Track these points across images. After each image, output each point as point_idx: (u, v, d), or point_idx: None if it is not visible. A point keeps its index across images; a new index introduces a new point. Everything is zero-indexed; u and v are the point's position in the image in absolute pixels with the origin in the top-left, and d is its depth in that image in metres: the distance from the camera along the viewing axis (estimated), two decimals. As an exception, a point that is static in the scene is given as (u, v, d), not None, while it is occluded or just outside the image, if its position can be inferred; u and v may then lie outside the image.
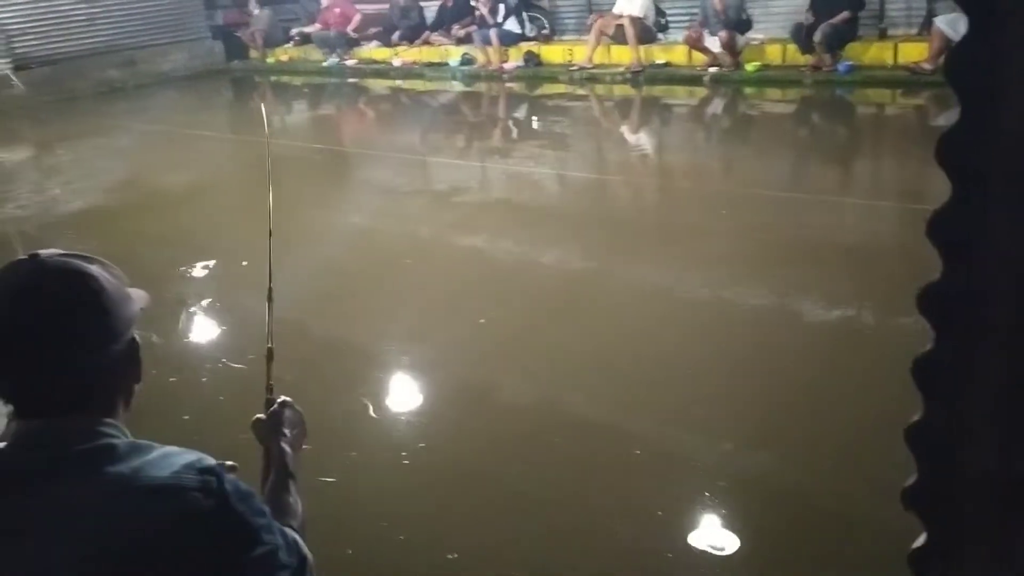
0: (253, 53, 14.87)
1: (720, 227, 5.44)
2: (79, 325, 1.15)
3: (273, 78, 14.20)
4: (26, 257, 1.18)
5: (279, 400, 1.63)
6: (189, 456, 1.16)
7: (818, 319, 4.03)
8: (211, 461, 1.18)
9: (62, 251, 1.21)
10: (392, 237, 5.86)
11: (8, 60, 12.73)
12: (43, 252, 1.19)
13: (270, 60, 14.56)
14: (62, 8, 13.27)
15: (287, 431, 1.57)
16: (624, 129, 9.45)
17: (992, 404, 0.83)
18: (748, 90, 9.74)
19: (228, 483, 1.14)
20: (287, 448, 1.53)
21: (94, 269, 1.18)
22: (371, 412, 3.49)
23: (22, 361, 1.14)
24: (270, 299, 1.79)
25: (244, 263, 5.17)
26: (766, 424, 3.20)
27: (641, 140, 8.95)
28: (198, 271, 5.27)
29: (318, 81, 13.40)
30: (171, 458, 1.15)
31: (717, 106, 9.72)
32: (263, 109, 2.12)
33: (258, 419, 1.59)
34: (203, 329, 4.52)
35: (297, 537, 1.26)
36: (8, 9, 12.69)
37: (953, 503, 0.89)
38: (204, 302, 4.80)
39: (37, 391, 1.15)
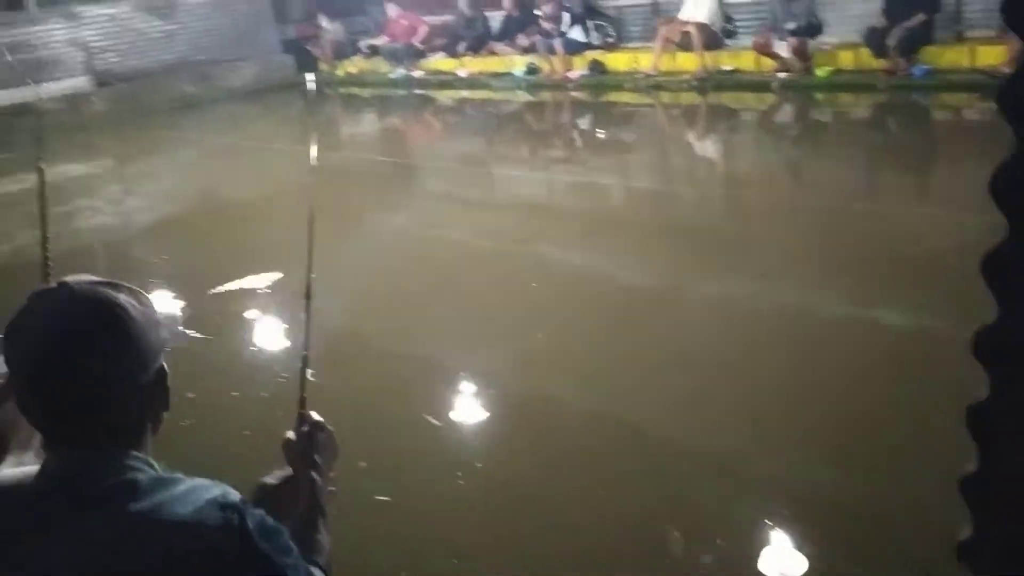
0: (323, 66, 15.12)
1: (790, 238, 5.30)
2: (108, 356, 1.13)
3: (342, 90, 14.42)
4: (55, 285, 1.18)
5: (311, 421, 1.55)
6: (214, 491, 1.15)
7: (892, 332, 3.88)
8: (235, 497, 1.16)
9: (91, 279, 1.20)
10: (456, 247, 5.88)
11: (90, 76, 13.20)
12: (72, 279, 1.18)
13: (339, 72, 14.80)
14: (140, 26, 13.72)
15: (318, 458, 1.50)
16: (690, 137, 9.32)
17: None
18: (819, 96, 9.51)
19: (252, 520, 1.12)
20: (317, 479, 1.47)
21: (122, 298, 1.17)
22: (427, 428, 3.48)
23: (51, 393, 1.13)
24: (308, 307, 1.70)
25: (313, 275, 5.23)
26: (840, 440, 3.09)
27: (708, 148, 8.81)
28: (263, 281, 5.35)
29: (385, 93, 13.56)
30: (195, 494, 1.13)
31: (787, 113, 9.51)
32: (312, 148, 2.16)
33: (288, 440, 1.53)
34: (264, 341, 4.58)
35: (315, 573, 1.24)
36: (90, 27, 13.17)
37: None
38: (266, 313, 4.87)
39: (65, 423, 1.14)
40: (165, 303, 5.32)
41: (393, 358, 4.20)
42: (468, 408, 3.68)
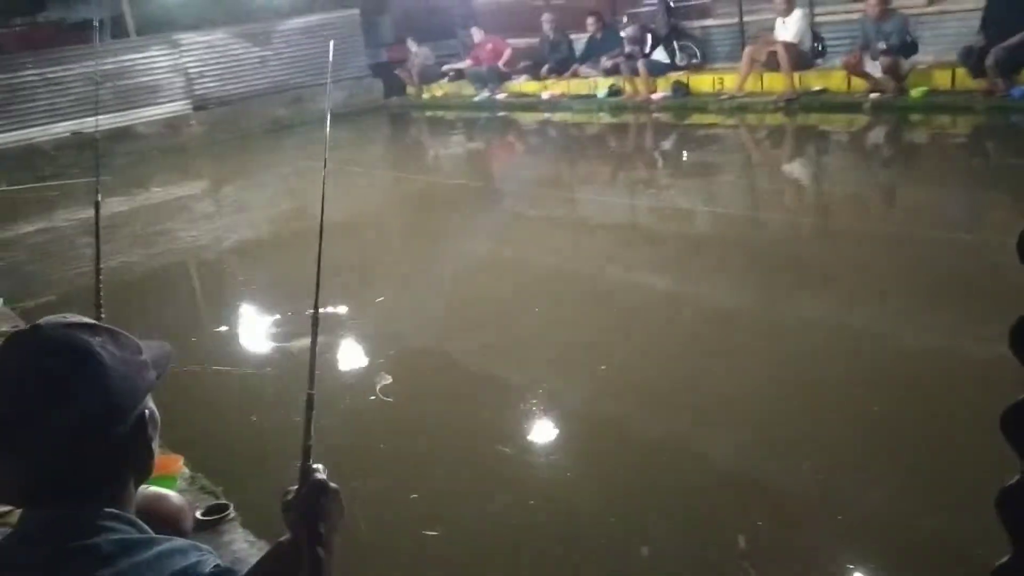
0: (410, 89, 15.43)
1: (881, 266, 5.13)
2: (77, 410, 1.06)
3: (428, 113, 14.68)
4: (27, 329, 1.12)
5: (314, 481, 1.30)
6: (185, 561, 1.07)
7: (985, 365, 3.71)
8: (208, 568, 1.08)
9: (68, 320, 1.14)
10: (536, 269, 5.88)
11: (188, 101, 13.76)
12: (45, 323, 1.12)
13: (425, 96, 15.07)
14: (236, 52, 14.27)
15: (322, 527, 1.25)
16: (777, 160, 9.13)
17: None
18: (913, 117, 9.21)
19: None
20: (321, 555, 1.23)
21: (96, 343, 1.10)
22: (493, 456, 3.47)
23: (19, 447, 1.06)
24: (313, 338, 1.53)
25: (380, 297, 5.33)
26: (929, 473, 2.97)
27: (795, 172, 8.62)
28: (341, 304, 5.46)
29: (469, 115, 13.73)
30: (163, 561, 1.06)
31: (879, 135, 9.23)
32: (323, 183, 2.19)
33: (288, 501, 1.30)
34: (337, 364, 4.66)
35: None
36: (190, 54, 13.75)
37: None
38: (341, 336, 4.96)
39: (37, 479, 1.08)
40: (253, 321, 5.48)
41: (467, 377, 4.21)
42: (537, 434, 3.64)
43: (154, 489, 2.25)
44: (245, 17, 14.80)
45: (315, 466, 1.33)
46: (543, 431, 3.66)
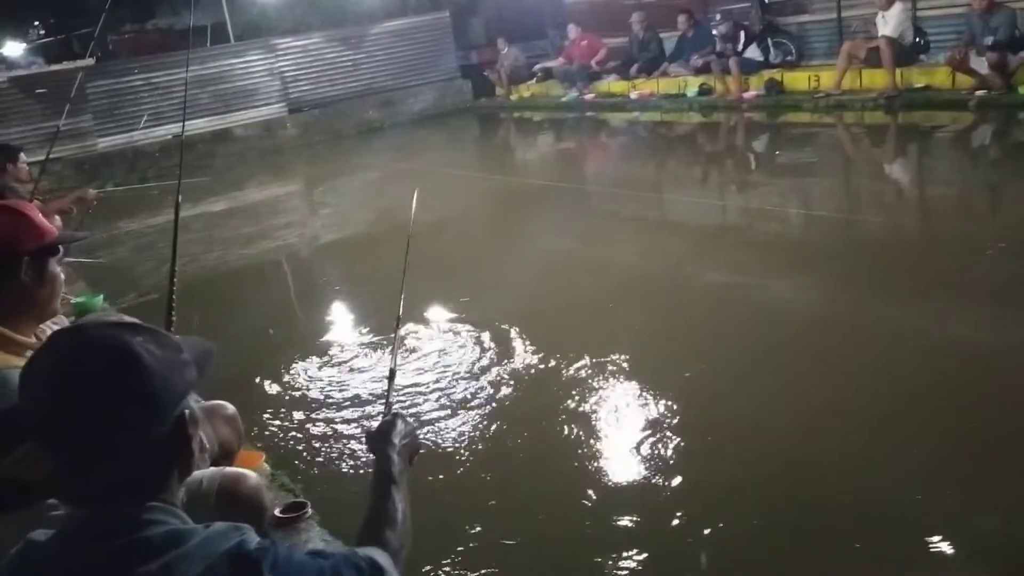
0: (499, 90, 15.48)
1: (986, 274, 4.87)
2: (118, 409, 1.08)
3: (516, 114, 14.69)
4: (70, 328, 1.16)
5: (393, 412, 1.73)
6: (230, 541, 1.11)
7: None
8: (251, 546, 1.11)
9: (111, 320, 1.20)
10: (624, 272, 5.81)
11: (284, 104, 14.13)
12: (87, 322, 1.18)
13: (513, 97, 15.10)
14: (330, 56, 14.57)
15: (395, 440, 1.61)
16: (876, 160, 8.81)
17: None
18: (1023, 116, 8.74)
19: (268, 565, 1.09)
20: (393, 456, 1.57)
21: (137, 343, 1.12)
22: (574, 463, 3.44)
23: (60, 446, 1.09)
24: (397, 326, 2.04)
25: (465, 297, 5.35)
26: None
27: (895, 173, 8.29)
28: (427, 303, 5.50)
29: (557, 116, 13.68)
30: (209, 546, 1.09)
31: (985, 134, 8.79)
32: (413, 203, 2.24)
33: (369, 430, 1.68)
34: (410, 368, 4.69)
35: (374, 558, 1.25)
36: (285, 59, 14.11)
37: None
38: (422, 338, 5.00)
39: (79, 477, 1.10)
40: (339, 322, 5.59)
41: (552, 378, 4.18)
42: (621, 443, 3.58)
43: (232, 469, 2.28)
44: (339, 21, 15.11)
45: (394, 407, 1.73)
46: (630, 439, 3.60)
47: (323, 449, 3.84)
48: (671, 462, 3.38)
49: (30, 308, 1.88)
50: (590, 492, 3.20)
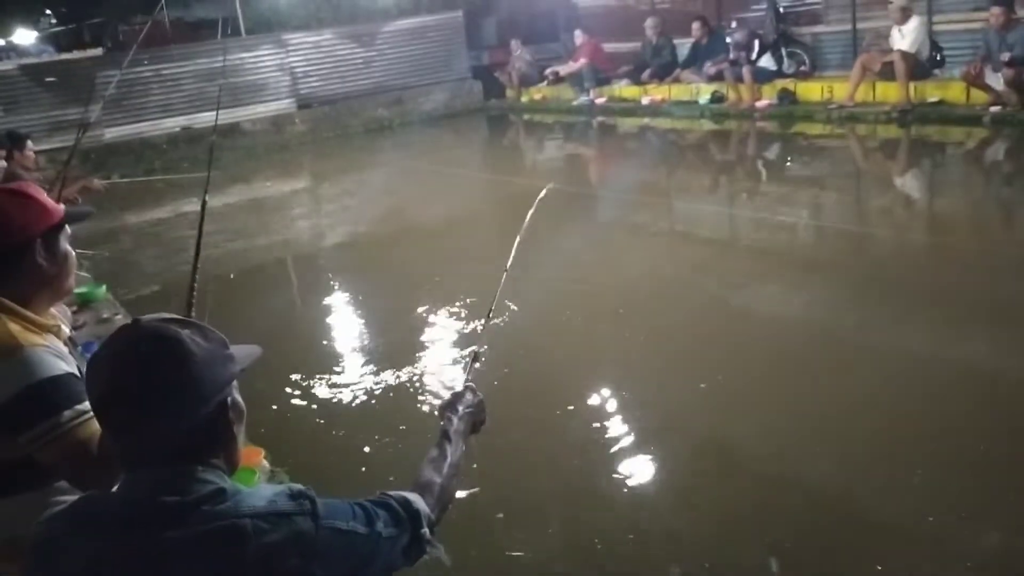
0: (509, 92, 15.43)
1: (998, 291, 4.81)
2: (164, 388, 1.23)
3: (526, 116, 14.64)
4: (130, 322, 1.31)
5: (466, 385, 1.89)
6: (280, 487, 1.29)
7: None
8: (300, 487, 1.29)
9: (164, 316, 1.31)
10: (633, 279, 5.75)
11: (293, 100, 14.09)
12: (145, 318, 1.31)
13: (524, 99, 15.05)
14: (341, 53, 14.52)
15: (460, 407, 1.81)
16: (887, 173, 8.73)
17: None
18: (1038, 132, 8.67)
19: (320, 501, 1.28)
20: (453, 418, 1.77)
21: (185, 334, 1.26)
22: (587, 474, 3.38)
23: (118, 418, 1.25)
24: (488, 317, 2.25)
25: (472, 298, 5.28)
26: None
27: (907, 186, 8.22)
28: (435, 305, 5.44)
29: (568, 119, 13.63)
30: (266, 489, 1.28)
31: (999, 150, 8.72)
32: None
33: (442, 401, 1.87)
34: (426, 364, 4.63)
35: (407, 497, 1.44)
36: (296, 54, 14.07)
37: None
38: (427, 337, 4.94)
39: (130, 445, 1.26)
40: (342, 321, 5.53)
41: (561, 386, 4.13)
42: (634, 452, 3.52)
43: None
44: (352, 18, 15.06)
45: (470, 383, 1.91)
46: (637, 448, 3.53)
47: (323, 447, 3.79)
48: (678, 472, 3.33)
49: (46, 287, 1.91)
50: (610, 501, 3.13)
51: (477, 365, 2.02)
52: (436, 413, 1.84)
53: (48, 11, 22.73)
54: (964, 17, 10.07)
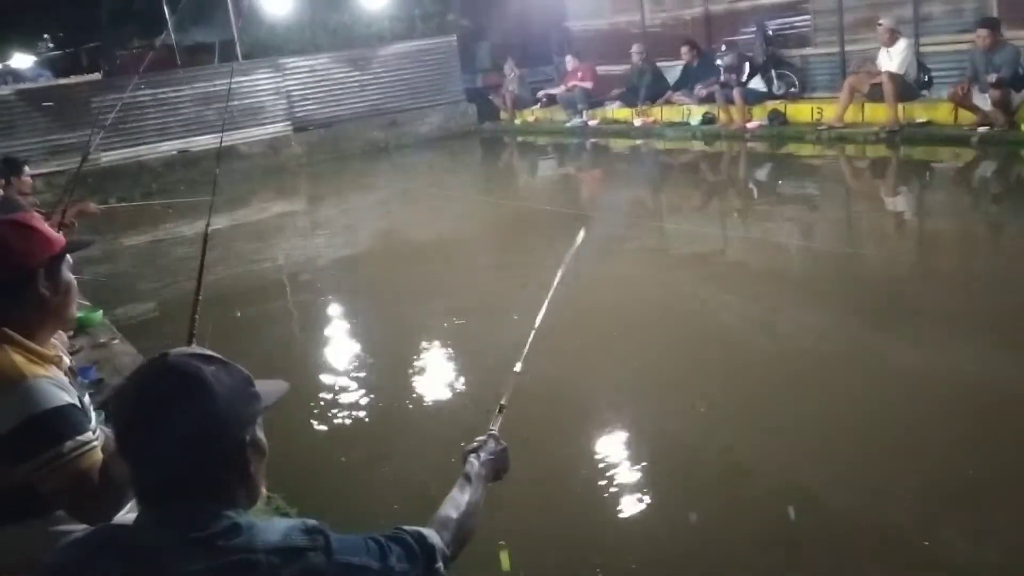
0: (503, 114, 15.57)
1: (987, 310, 4.87)
2: (183, 424, 1.23)
3: (520, 138, 14.76)
4: (158, 356, 1.31)
5: (489, 433, 1.89)
6: (294, 520, 1.30)
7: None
8: (313, 521, 1.30)
9: (190, 351, 1.33)
10: (623, 301, 5.79)
11: (289, 123, 14.20)
12: (172, 351, 1.32)
13: (517, 121, 15.18)
14: (337, 76, 14.65)
15: (483, 454, 1.82)
16: (877, 194, 8.83)
17: None
18: (1025, 153, 8.79)
19: (334, 537, 1.28)
20: (475, 461, 1.79)
21: (208, 371, 1.27)
22: (586, 497, 3.42)
23: (137, 452, 1.27)
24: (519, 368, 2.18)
25: (461, 320, 5.33)
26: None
27: (896, 206, 8.31)
28: (427, 326, 5.50)
29: (561, 141, 13.74)
30: (281, 524, 1.28)
31: (987, 170, 8.83)
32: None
33: (464, 447, 1.85)
34: (419, 391, 4.68)
35: (422, 532, 1.45)
36: (292, 78, 14.19)
37: None
38: (421, 362, 4.99)
39: (153, 479, 1.26)
40: (338, 345, 5.58)
41: (557, 408, 4.17)
42: (633, 472, 3.56)
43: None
44: (347, 43, 15.19)
45: (494, 429, 1.90)
46: (637, 468, 3.58)
47: (320, 472, 3.82)
48: (674, 489, 3.37)
49: (49, 317, 1.94)
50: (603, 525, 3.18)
51: (501, 418, 1.97)
52: (459, 458, 1.84)
53: (46, 36, 22.88)
54: (951, 39, 10.23)
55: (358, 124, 14.70)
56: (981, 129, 9.07)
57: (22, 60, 21.99)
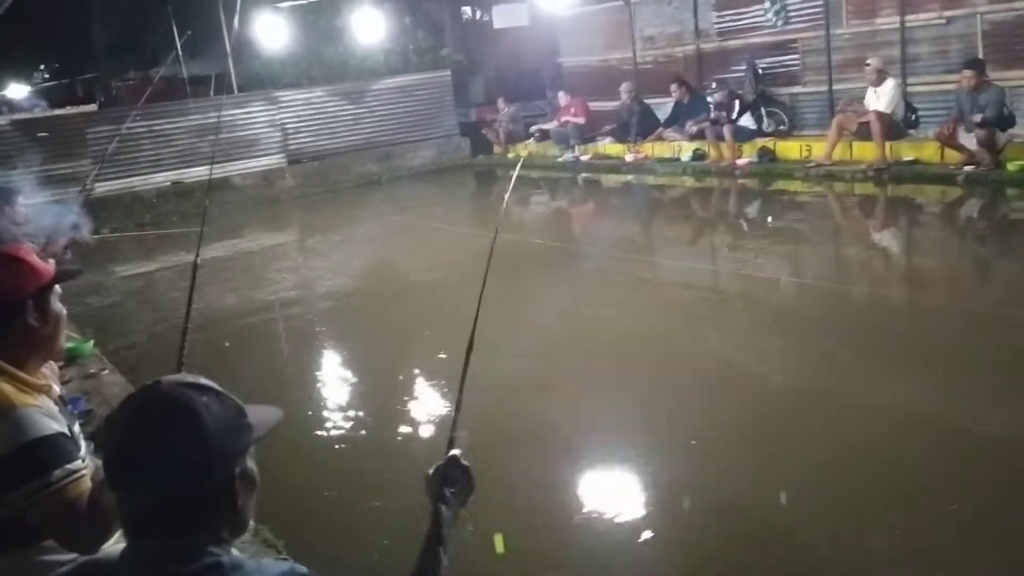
0: (496, 148, 15.70)
1: (972, 348, 4.92)
2: (170, 455, 1.21)
3: (511, 172, 14.85)
4: (151, 384, 1.30)
5: (449, 457, 1.72)
6: (283, 566, 1.26)
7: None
8: (303, 570, 1.26)
9: (183, 380, 1.31)
10: (614, 335, 5.82)
11: (283, 155, 14.28)
12: (165, 379, 1.30)
13: (511, 155, 15.29)
14: (331, 109, 14.76)
15: (447, 491, 1.65)
16: (864, 231, 8.92)
17: None
18: (1010, 191, 8.87)
19: None
20: (443, 509, 1.63)
21: (200, 402, 1.25)
22: (568, 532, 3.42)
23: (123, 481, 1.25)
24: (467, 358, 2.06)
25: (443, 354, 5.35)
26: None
27: (884, 244, 8.40)
28: (422, 361, 5.51)
29: (554, 175, 13.85)
30: (268, 568, 1.24)
31: (972, 208, 8.93)
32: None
33: (427, 475, 1.70)
34: (411, 420, 4.68)
35: None
36: (286, 111, 14.29)
37: None
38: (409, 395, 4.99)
39: (138, 510, 1.24)
40: (328, 379, 5.58)
41: (540, 444, 4.18)
42: (620, 506, 3.58)
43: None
44: (342, 76, 15.34)
45: (454, 451, 1.73)
46: (625, 503, 3.59)
47: (309, 504, 3.81)
48: (664, 524, 3.38)
49: (38, 347, 1.95)
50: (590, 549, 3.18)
51: (456, 449, 1.80)
52: (425, 490, 1.70)
53: (41, 66, 23.04)
54: (937, 79, 10.41)
55: (352, 157, 14.79)
56: (967, 168, 9.20)
57: (17, 90, 22.12)
